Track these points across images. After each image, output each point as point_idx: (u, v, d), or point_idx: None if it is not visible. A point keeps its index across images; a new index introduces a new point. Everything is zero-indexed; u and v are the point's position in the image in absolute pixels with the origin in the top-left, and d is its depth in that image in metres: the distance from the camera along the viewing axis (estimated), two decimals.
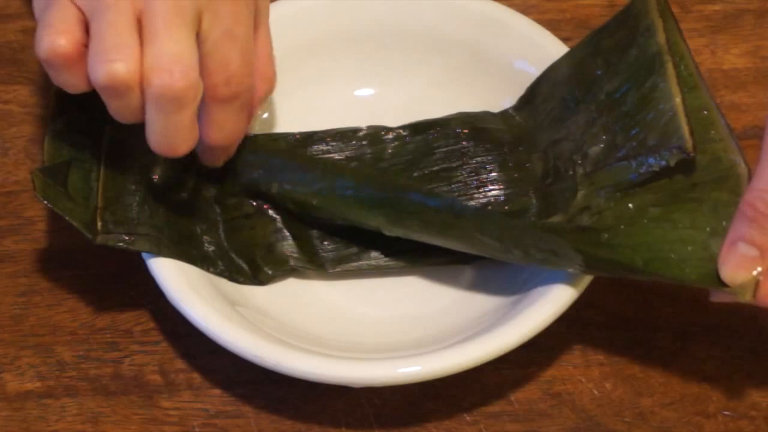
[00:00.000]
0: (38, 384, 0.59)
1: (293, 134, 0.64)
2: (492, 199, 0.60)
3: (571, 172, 0.58)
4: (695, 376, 0.59)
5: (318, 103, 0.67)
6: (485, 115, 0.63)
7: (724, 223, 0.53)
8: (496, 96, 0.66)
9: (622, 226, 0.54)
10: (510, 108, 0.63)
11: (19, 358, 0.60)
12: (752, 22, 0.70)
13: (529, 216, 0.60)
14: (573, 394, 0.58)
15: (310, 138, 0.63)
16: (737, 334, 0.60)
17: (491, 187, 0.61)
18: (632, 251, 0.53)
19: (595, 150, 0.57)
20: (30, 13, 0.71)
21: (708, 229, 0.53)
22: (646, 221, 0.54)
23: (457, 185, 0.61)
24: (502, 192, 0.61)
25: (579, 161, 0.57)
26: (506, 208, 0.60)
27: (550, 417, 0.58)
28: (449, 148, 0.62)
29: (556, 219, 0.57)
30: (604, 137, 0.57)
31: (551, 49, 0.64)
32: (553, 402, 0.58)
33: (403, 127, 0.63)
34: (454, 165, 0.62)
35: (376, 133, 0.63)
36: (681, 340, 0.60)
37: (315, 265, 0.60)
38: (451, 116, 0.63)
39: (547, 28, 0.65)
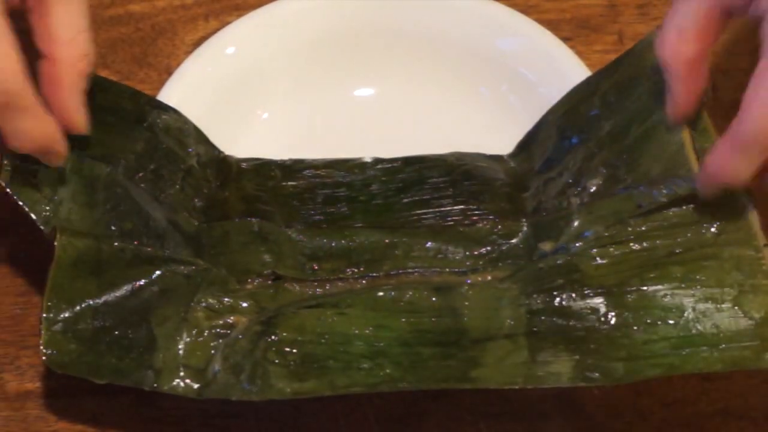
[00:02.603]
0: (38, 384, 0.59)
1: (284, 161, 0.63)
2: (481, 225, 0.60)
3: (565, 204, 0.58)
4: (695, 376, 0.59)
5: (318, 103, 0.67)
6: (479, 156, 0.63)
7: (748, 281, 0.53)
8: (496, 96, 0.66)
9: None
10: (506, 155, 0.63)
11: (19, 358, 0.60)
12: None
13: (518, 242, 0.59)
14: (573, 394, 0.58)
15: (300, 163, 0.63)
16: None
17: (481, 214, 0.60)
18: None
19: (593, 182, 0.57)
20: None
21: (735, 286, 0.53)
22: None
23: (446, 211, 0.60)
24: (492, 219, 0.60)
25: (575, 193, 0.57)
26: (497, 229, 0.60)
27: (550, 417, 0.58)
28: (441, 179, 0.62)
29: (545, 246, 0.57)
30: (603, 171, 0.57)
31: (552, 49, 0.64)
32: (553, 402, 0.58)
33: (396, 159, 0.63)
34: (445, 194, 0.61)
35: (366, 163, 0.63)
36: None
37: None
38: (444, 154, 0.63)
39: (547, 28, 0.65)
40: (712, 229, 0.54)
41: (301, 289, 0.58)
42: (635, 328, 0.53)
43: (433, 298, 0.55)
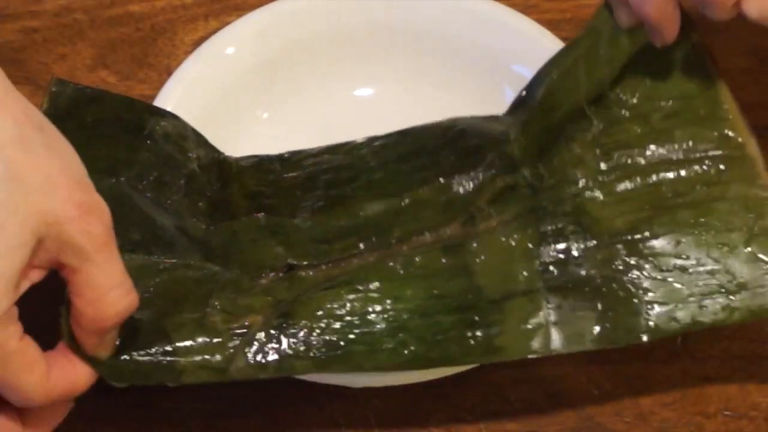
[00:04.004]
0: None
1: (281, 155, 0.63)
2: (484, 173, 0.59)
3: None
4: (695, 376, 0.59)
5: (317, 103, 0.67)
6: (473, 117, 0.63)
7: (758, 223, 0.53)
8: (496, 96, 0.66)
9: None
10: (501, 115, 0.63)
11: None
12: (752, 22, 0.70)
13: (522, 181, 0.58)
14: (573, 394, 0.58)
15: (298, 154, 0.63)
16: (737, 334, 0.60)
17: (484, 163, 0.60)
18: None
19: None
20: (30, 13, 0.71)
21: (745, 228, 0.53)
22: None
23: (448, 164, 0.60)
24: (493, 170, 0.59)
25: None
26: (499, 172, 0.59)
27: (550, 417, 0.58)
28: (438, 141, 0.61)
29: (526, 170, 0.57)
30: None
31: (552, 49, 0.64)
32: (553, 402, 0.58)
33: (390, 134, 0.63)
34: (444, 152, 0.60)
35: (362, 143, 0.63)
36: (681, 340, 0.60)
37: None
38: (441, 120, 0.63)
39: (547, 28, 0.65)
40: (716, 165, 0.55)
41: (315, 274, 0.58)
42: (651, 279, 0.53)
43: (443, 260, 0.55)
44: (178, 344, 0.53)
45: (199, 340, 0.53)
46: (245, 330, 0.54)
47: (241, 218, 0.60)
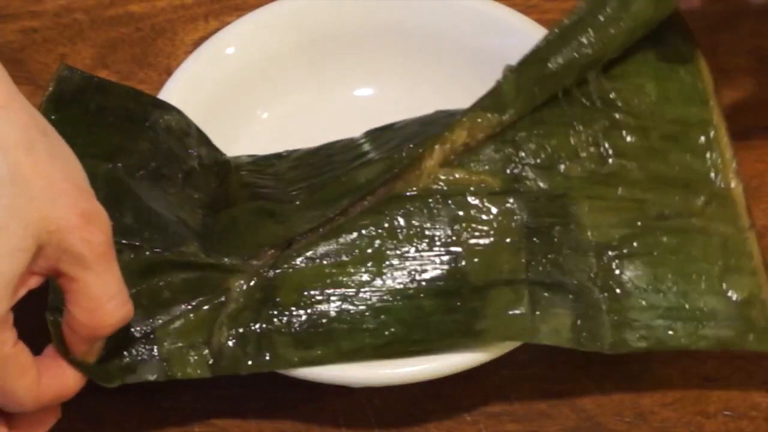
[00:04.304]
0: None
1: (279, 153, 0.63)
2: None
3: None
4: (695, 376, 0.59)
5: (317, 103, 0.67)
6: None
7: (732, 260, 0.55)
8: None
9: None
10: None
11: None
12: (752, 22, 0.70)
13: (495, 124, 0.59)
14: (573, 394, 0.58)
15: (295, 152, 0.63)
16: None
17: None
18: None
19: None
20: (30, 13, 0.71)
21: (720, 263, 0.55)
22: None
23: (439, 129, 0.59)
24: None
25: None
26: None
27: (550, 417, 0.58)
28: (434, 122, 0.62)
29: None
30: None
31: None
32: (553, 402, 0.58)
33: (390, 124, 0.63)
34: (436, 123, 0.61)
35: (358, 137, 0.63)
36: None
37: None
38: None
39: (548, 29, 0.65)
40: (701, 198, 0.56)
41: (307, 241, 0.57)
42: (625, 296, 0.55)
43: (431, 244, 0.56)
44: (164, 341, 0.53)
45: (182, 328, 0.53)
46: (222, 299, 0.54)
47: (238, 205, 0.60)
